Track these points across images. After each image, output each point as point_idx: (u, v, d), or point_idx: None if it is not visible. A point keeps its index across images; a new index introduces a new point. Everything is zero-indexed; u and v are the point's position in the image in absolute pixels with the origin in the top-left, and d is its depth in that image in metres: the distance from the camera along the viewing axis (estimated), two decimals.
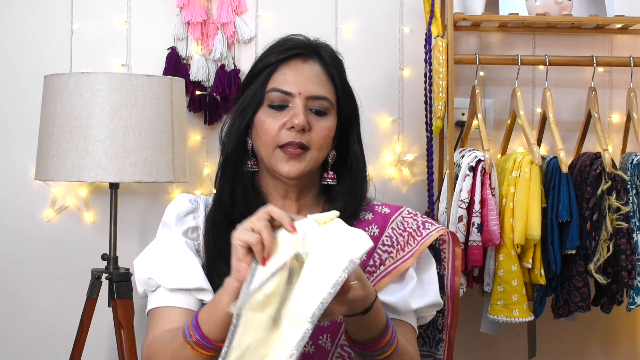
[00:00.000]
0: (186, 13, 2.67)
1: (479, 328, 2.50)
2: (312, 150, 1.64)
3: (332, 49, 1.72)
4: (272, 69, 1.66)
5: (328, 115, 1.66)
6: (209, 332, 1.43)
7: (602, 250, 2.32)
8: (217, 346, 1.43)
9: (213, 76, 2.67)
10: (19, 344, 2.70)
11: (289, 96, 1.64)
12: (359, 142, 1.73)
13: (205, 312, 1.45)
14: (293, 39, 1.70)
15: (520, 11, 2.55)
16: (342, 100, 1.69)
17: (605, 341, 2.78)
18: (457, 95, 2.59)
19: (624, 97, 2.59)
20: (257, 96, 1.66)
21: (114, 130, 2.25)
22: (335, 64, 1.70)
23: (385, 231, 1.71)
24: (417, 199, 2.71)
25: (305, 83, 1.64)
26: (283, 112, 1.64)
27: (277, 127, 1.63)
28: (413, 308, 1.65)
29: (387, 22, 2.73)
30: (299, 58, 1.67)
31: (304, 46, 1.69)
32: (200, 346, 1.44)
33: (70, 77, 2.28)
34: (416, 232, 1.71)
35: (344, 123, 1.70)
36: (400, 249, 1.68)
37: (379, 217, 1.73)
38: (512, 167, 2.35)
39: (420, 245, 1.69)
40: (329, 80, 1.68)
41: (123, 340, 2.38)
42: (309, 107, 1.64)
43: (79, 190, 2.69)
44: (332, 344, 1.64)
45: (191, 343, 1.45)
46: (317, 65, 1.67)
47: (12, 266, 2.70)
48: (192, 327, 1.45)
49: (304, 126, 1.62)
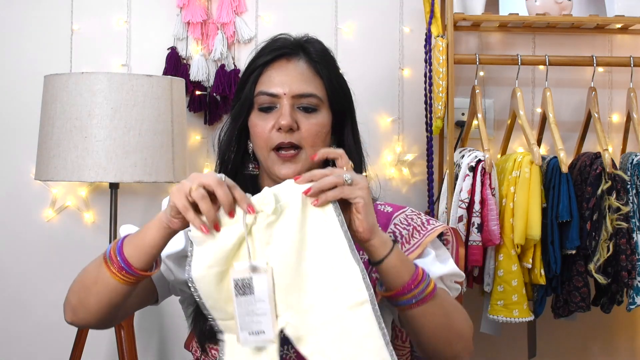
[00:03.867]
0: (186, 13, 2.67)
1: (479, 328, 2.50)
2: (306, 148, 1.63)
3: (321, 44, 1.71)
4: (258, 72, 1.67)
5: (318, 112, 1.65)
6: (130, 256, 1.43)
7: (602, 250, 2.32)
8: (133, 270, 1.43)
9: (213, 76, 2.67)
10: (19, 344, 2.70)
11: (276, 98, 1.64)
12: (354, 135, 1.71)
13: (133, 236, 1.45)
14: (279, 39, 1.70)
15: (520, 11, 2.55)
16: (333, 94, 1.68)
17: (605, 341, 2.78)
18: (457, 95, 2.59)
19: (624, 97, 2.59)
20: (248, 100, 1.66)
21: (114, 130, 2.25)
22: (323, 59, 1.68)
23: (388, 228, 1.71)
24: (417, 199, 2.71)
25: (290, 82, 1.64)
26: (272, 113, 1.64)
27: (268, 130, 1.63)
28: (437, 275, 1.62)
29: (387, 22, 2.73)
30: (284, 58, 1.67)
31: (289, 45, 1.68)
32: (116, 266, 1.44)
33: (70, 77, 2.28)
34: (421, 227, 1.70)
35: (338, 117, 1.70)
36: (405, 242, 1.68)
37: (382, 215, 1.73)
38: (512, 167, 2.35)
39: (426, 237, 1.68)
40: (315, 76, 1.67)
41: (123, 340, 2.38)
42: (297, 105, 1.64)
43: (79, 190, 2.69)
44: None
45: (107, 260, 1.44)
46: (302, 62, 1.67)
47: (12, 266, 2.70)
48: (115, 247, 1.45)
49: (291, 126, 1.61)
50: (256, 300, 1.36)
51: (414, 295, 1.45)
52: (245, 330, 1.37)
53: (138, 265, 1.43)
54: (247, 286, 1.36)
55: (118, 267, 1.44)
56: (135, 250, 1.43)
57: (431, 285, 1.46)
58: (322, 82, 1.67)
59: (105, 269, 1.45)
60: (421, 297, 1.45)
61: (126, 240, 1.45)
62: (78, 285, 1.53)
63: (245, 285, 1.36)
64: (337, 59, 1.72)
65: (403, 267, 1.44)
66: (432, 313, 1.47)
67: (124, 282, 1.45)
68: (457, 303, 1.58)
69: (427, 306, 1.46)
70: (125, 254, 1.43)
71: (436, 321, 1.48)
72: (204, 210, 1.34)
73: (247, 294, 1.36)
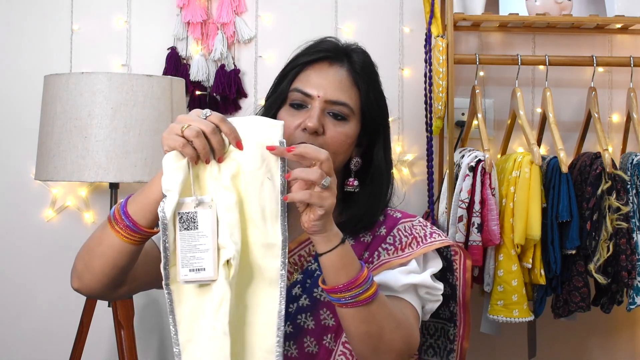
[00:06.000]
0: (186, 13, 2.67)
1: (479, 328, 2.50)
2: None
3: (366, 56, 1.72)
4: (299, 70, 1.68)
5: (347, 122, 1.66)
6: (134, 213, 1.45)
7: (602, 250, 2.32)
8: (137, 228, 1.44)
9: (213, 76, 2.67)
10: (19, 344, 2.70)
11: (309, 98, 1.65)
12: (385, 152, 1.72)
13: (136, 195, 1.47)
14: (326, 41, 1.72)
15: (520, 11, 2.55)
16: (367, 108, 1.69)
17: (605, 341, 2.78)
18: (457, 95, 2.59)
19: (624, 97, 2.59)
20: (282, 94, 1.68)
21: (114, 130, 2.25)
22: (364, 71, 1.70)
23: (392, 231, 1.71)
24: (417, 199, 2.70)
25: (326, 87, 1.65)
26: (301, 112, 1.65)
27: (294, 127, 1.64)
28: (406, 282, 1.63)
29: (387, 22, 2.73)
30: (327, 61, 1.68)
31: (333, 50, 1.70)
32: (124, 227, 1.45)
33: (70, 77, 2.28)
34: (422, 238, 1.71)
35: (369, 131, 1.70)
36: (400, 249, 1.69)
37: (390, 219, 1.74)
38: (512, 167, 2.35)
39: (420, 249, 1.68)
40: (353, 86, 1.68)
41: (123, 341, 2.38)
42: (328, 110, 1.65)
43: (79, 190, 2.69)
44: (335, 343, 1.65)
45: (112, 220, 1.46)
46: (343, 70, 1.68)
47: (12, 266, 2.70)
48: (119, 207, 1.47)
49: (317, 129, 1.62)
50: (199, 235, 1.37)
51: (344, 297, 1.47)
52: (186, 267, 1.37)
53: (142, 222, 1.45)
54: (191, 220, 1.37)
55: (123, 225, 1.45)
56: (139, 207, 1.45)
57: (368, 293, 1.47)
58: (358, 93, 1.68)
59: (110, 229, 1.47)
60: (351, 300, 1.47)
61: (130, 200, 1.47)
62: (84, 251, 1.55)
63: (189, 219, 1.37)
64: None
65: (342, 268, 1.46)
66: (361, 318, 1.49)
67: (128, 241, 1.46)
68: (404, 318, 1.58)
69: (357, 310, 1.48)
70: (129, 212, 1.45)
71: (364, 327, 1.50)
72: (200, 147, 1.38)
73: (190, 228, 1.37)
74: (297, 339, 1.64)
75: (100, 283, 1.53)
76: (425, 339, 1.84)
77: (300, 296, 1.67)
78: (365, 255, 1.69)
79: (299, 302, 1.66)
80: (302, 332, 1.65)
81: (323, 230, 1.44)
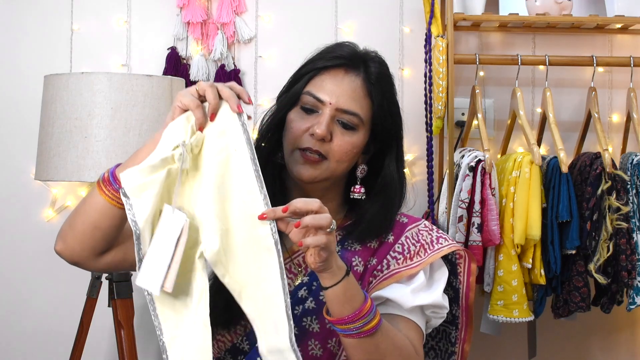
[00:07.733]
0: (186, 13, 2.67)
1: (479, 328, 2.50)
2: (331, 161, 1.64)
3: (384, 67, 1.71)
4: (314, 73, 1.67)
5: (356, 131, 1.66)
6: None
7: (602, 250, 2.32)
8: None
9: (213, 76, 2.67)
10: (19, 344, 2.70)
11: (320, 103, 1.65)
12: (397, 164, 1.72)
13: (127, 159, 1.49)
14: (345, 46, 1.71)
15: (520, 11, 2.55)
16: (378, 120, 1.68)
17: (605, 341, 2.78)
18: (457, 95, 2.59)
19: (624, 97, 2.59)
20: (295, 95, 1.67)
21: (114, 130, 2.25)
22: (379, 82, 1.68)
23: (400, 239, 1.71)
24: (417, 199, 2.70)
25: (339, 94, 1.64)
26: (311, 116, 1.65)
27: (302, 130, 1.64)
28: (415, 304, 1.64)
29: (387, 22, 2.73)
30: (343, 68, 1.67)
31: (350, 57, 1.68)
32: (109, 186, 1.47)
33: (70, 77, 2.28)
34: (429, 245, 1.71)
35: (381, 141, 1.70)
36: (408, 258, 1.68)
37: (398, 226, 1.73)
38: (512, 167, 2.35)
39: (429, 258, 1.69)
40: (366, 97, 1.67)
41: (123, 341, 2.38)
42: (338, 118, 1.65)
43: (79, 190, 2.69)
44: (339, 348, 1.65)
45: (100, 182, 1.48)
46: (358, 79, 1.67)
47: (12, 266, 2.70)
48: (108, 170, 1.49)
49: (325, 136, 1.62)
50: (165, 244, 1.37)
51: (348, 328, 1.49)
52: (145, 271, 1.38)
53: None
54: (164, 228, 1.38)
55: (109, 187, 1.47)
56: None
57: (371, 324, 1.49)
58: (370, 104, 1.67)
59: (97, 190, 1.49)
60: (355, 332, 1.49)
61: (121, 165, 1.50)
62: (71, 214, 1.57)
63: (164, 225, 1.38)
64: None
65: (347, 301, 1.47)
66: (364, 349, 1.51)
67: (112, 202, 1.47)
68: (407, 344, 1.59)
69: (361, 340, 1.50)
70: (117, 175, 1.47)
71: (367, 356, 1.52)
72: (210, 98, 1.41)
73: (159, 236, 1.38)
74: (301, 341, 1.64)
75: (81, 244, 1.53)
76: (427, 341, 1.84)
77: (307, 299, 1.66)
78: (373, 262, 1.69)
79: (304, 305, 1.66)
80: (307, 335, 1.65)
81: (328, 267, 1.45)
